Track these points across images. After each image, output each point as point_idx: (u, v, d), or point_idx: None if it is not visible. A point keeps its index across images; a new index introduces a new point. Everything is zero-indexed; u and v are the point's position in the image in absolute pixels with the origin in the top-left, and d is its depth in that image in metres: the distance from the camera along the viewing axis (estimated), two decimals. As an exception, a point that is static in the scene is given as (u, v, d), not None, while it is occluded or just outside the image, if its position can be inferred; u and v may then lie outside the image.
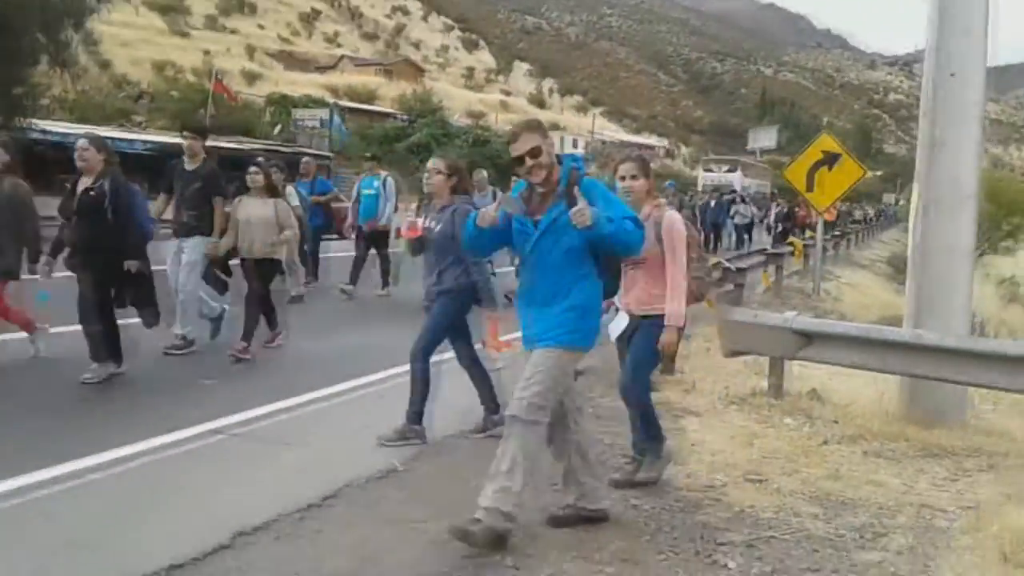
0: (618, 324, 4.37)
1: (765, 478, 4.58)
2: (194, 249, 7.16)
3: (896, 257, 25.40)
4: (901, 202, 59.18)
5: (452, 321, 5.12)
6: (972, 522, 4.01)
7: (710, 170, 55.95)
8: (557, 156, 3.64)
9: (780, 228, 25.32)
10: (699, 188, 49.92)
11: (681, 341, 4.38)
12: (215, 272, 7.44)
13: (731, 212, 25.92)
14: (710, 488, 4.42)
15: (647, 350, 4.27)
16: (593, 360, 7.74)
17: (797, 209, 25.65)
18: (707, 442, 5.23)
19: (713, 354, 7.92)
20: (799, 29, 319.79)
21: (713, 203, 25.94)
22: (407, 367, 5.10)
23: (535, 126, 3.68)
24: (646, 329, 4.23)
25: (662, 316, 4.15)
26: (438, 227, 4.97)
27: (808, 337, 6.12)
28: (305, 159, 13.04)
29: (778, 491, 4.39)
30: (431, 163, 5.16)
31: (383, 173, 11.50)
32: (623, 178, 4.30)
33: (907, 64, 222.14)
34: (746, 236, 25.81)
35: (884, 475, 4.74)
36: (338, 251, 12.62)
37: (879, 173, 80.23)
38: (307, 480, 4.30)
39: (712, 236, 24.08)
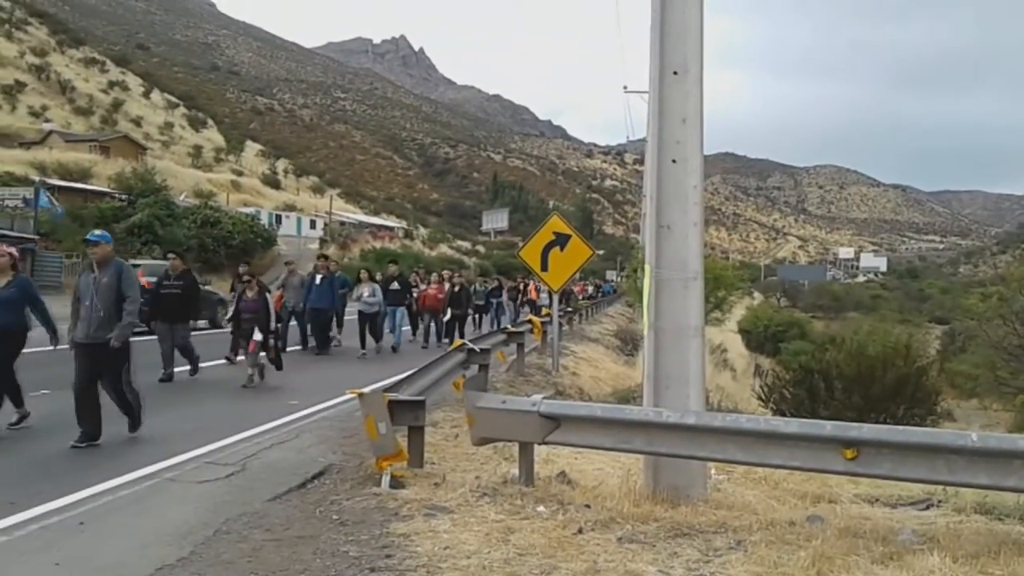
0: None
1: (524, 581, 4.30)
2: None
3: (623, 331, 27.06)
4: (622, 279, 63.97)
5: None
6: (731, 609, 3.96)
7: None
8: None
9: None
10: None
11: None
12: None
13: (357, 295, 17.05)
14: (468, 600, 4.05)
15: None
16: (335, 456, 7.22)
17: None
18: (461, 543, 4.88)
19: (462, 440, 7.66)
20: (522, 119, 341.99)
21: (319, 278, 15.84)
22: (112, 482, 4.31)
23: None
24: None
25: None
26: None
27: (556, 420, 6.02)
28: None
29: (539, 594, 4.11)
30: None
31: None
32: None
33: (619, 153, 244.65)
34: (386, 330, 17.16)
35: (640, 563, 4.63)
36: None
37: (601, 252, 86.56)
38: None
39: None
